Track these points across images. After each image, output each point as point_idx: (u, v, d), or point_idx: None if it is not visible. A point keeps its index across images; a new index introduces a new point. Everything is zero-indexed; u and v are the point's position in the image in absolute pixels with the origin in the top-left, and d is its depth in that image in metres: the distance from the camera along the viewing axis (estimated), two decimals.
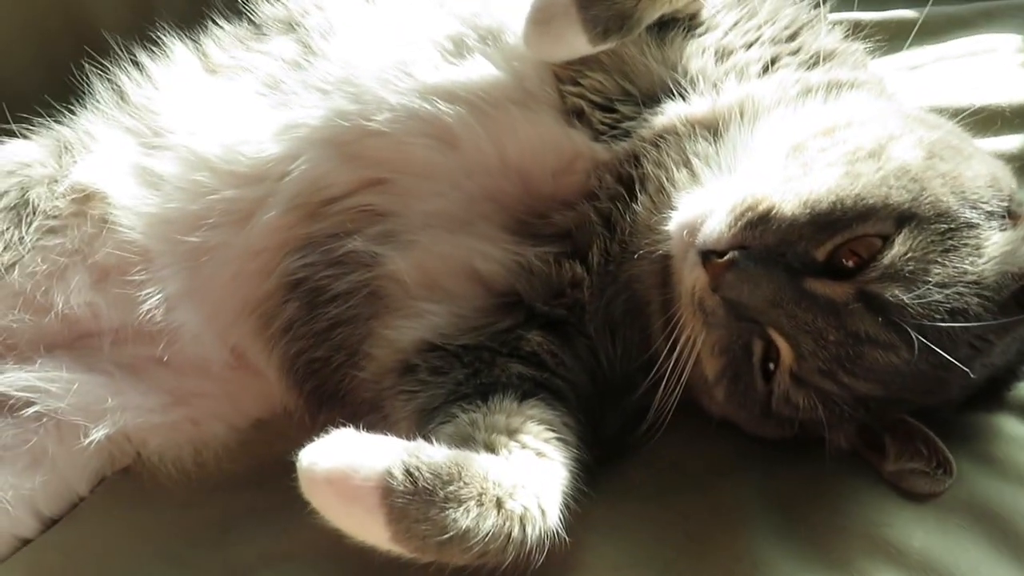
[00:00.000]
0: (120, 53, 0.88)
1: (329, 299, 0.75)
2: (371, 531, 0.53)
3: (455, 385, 0.66)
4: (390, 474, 0.52)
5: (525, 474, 0.56)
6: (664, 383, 0.64)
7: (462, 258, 0.72)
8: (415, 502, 0.52)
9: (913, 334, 0.55)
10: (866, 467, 0.63)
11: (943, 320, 0.55)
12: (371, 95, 0.75)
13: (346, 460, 0.53)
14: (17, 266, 0.77)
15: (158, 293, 0.76)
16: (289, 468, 0.77)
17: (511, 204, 0.73)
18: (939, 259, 0.56)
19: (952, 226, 0.58)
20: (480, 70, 0.74)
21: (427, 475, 0.52)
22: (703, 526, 0.61)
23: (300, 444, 0.78)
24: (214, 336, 0.78)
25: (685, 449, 0.67)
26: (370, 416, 0.71)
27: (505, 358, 0.68)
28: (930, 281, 0.56)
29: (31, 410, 0.74)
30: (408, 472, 0.52)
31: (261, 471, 0.78)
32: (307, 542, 0.70)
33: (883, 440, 0.62)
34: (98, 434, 0.74)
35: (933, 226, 0.57)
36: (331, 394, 0.78)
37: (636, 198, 0.69)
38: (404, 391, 0.69)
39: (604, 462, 0.65)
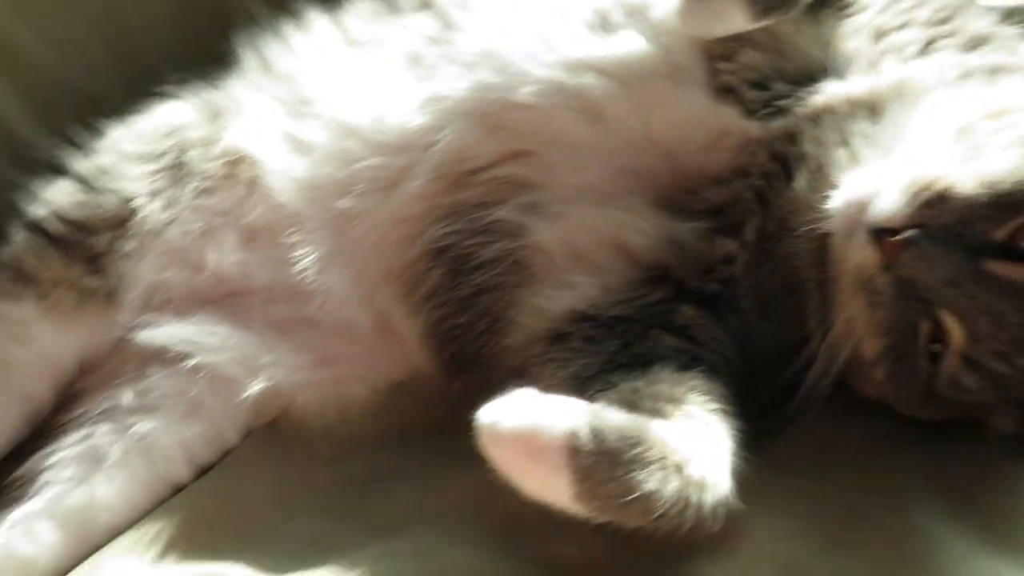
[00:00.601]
0: (263, 23, 0.90)
1: (474, 267, 0.76)
2: (554, 489, 0.55)
3: (611, 355, 0.67)
4: (576, 434, 0.53)
5: (697, 443, 0.57)
6: (819, 362, 0.65)
7: (610, 231, 0.73)
8: (601, 463, 0.53)
9: None
10: None
11: None
12: (515, 68, 0.76)
13: (532, 419, 0.54)
14: (174, 224, 0.80)
15: (308, 255, 0.79)
16: (429, 429, 0.80)
17: (658, 179, 0.74)
18: None
19: None
20: (628, 44, 0.74)
21: (613, 436, 0.53)
22: (864, 502, 0.61)
23: (438, 408, 0.82)
24: (360, 300, 0.80)
25: (836, 427, 0.67)
26: (511, 383, 0.73)
27: (657, 330, 0.69)
28: None
29: (190, 363, 0.78)
30: (594, 433, 0.53)
31: (402, 431, 0.80)
32: (456, 499, 0.72)
33: None
34: (253, 389, 0.77)
35: None
36: (471, 360, 0.79)
37: (791, 176, 0.69)
38: (554, 359, 0.70)
39: (755, 438, 0.66)
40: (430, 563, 0.67)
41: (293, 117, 0.84)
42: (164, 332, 0.79)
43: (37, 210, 0.80)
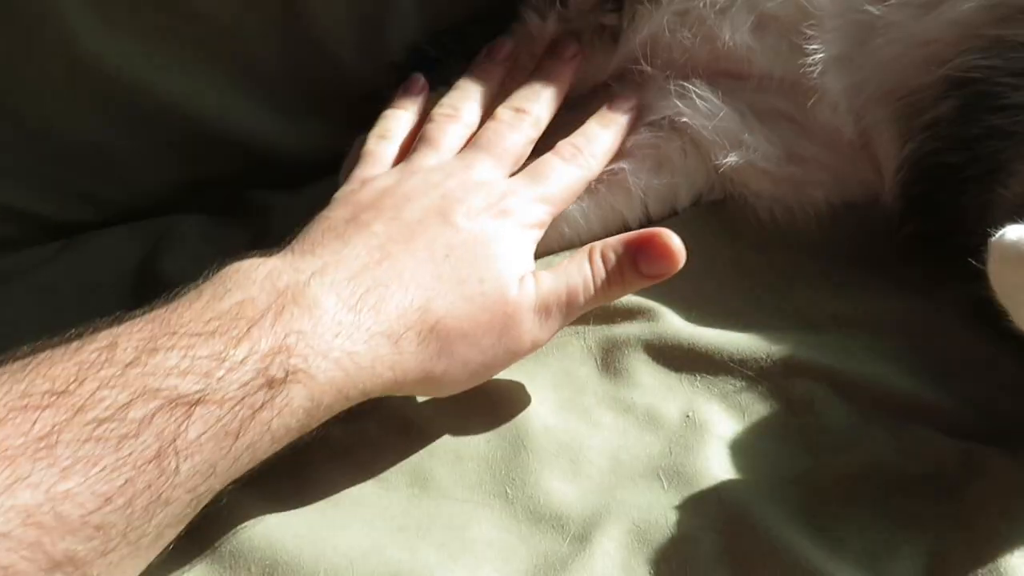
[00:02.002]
0: None
1: (996, 107, 0.71)
2: None
3: None
4: None
5: None
6: None
7: None
8: None
9: None
10: None
11: None
12: None
13: None
14: None
15: (815, 53, 0.79)
16: (864, 251, 0.81)
17: None
18: None
19: None
20: None
21: None
22: None
23: (878, 241, 0.82)
24: (851, 110, 0.79)
25: None
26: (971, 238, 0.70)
27: None
28: None
29: (679, 119, 0.83)
30: None
31: (836, 245, 0.81)
32: (878, 319, 0.74)
33: None
34: (727, 160, 0.81)
35: None
36: (935, 204, 0.77)
37: None
38: None
39: None
40: (851, 367, 0.70)
41: None
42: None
43: None
